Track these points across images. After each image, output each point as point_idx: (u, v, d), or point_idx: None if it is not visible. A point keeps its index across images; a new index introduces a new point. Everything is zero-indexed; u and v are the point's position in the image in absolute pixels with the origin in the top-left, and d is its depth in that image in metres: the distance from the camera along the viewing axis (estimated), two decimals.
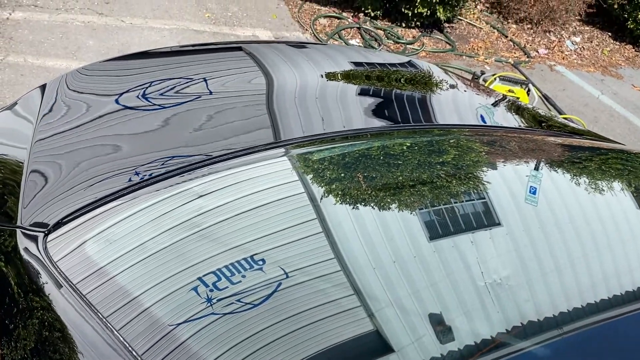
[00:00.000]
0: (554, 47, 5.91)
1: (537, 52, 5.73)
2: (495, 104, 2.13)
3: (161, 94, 1.78)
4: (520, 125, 2.02)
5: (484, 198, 1.42)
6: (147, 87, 1.80)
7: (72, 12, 4.05)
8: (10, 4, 3.92)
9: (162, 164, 1.47)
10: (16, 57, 3.48)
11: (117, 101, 1.78)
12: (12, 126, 1.79)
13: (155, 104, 1.76)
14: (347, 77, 2.06)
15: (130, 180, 1.38)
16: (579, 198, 1.50)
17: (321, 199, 1.38)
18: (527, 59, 5.49)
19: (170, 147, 1.56)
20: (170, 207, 1.31)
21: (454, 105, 2.06)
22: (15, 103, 1.89)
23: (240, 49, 2.19)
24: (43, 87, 1.90)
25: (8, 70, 3.36)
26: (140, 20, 4.20)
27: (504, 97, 2.29)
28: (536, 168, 1.61)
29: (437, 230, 1.33)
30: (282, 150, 1.53)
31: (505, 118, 2.08)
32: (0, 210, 1.46)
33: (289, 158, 1.51)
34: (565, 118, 4.41)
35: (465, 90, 2.22)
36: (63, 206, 1.35)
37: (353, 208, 1.35)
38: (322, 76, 1.98)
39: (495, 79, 3.99)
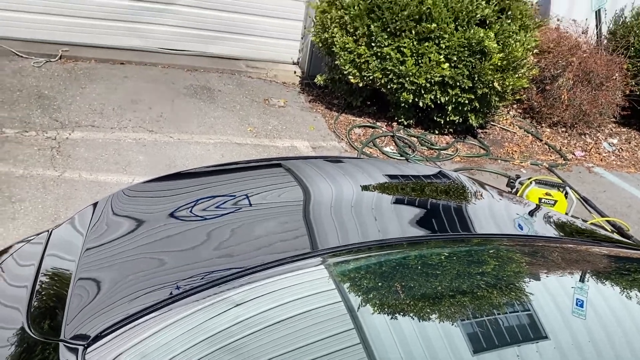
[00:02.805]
0: (590, 149, 5.93)
1: (574, 154, 5.75)
2: (531, 213, 2.12)
3: (201, 210, 1.87)
4: (559, 235, 1.99)
5: (528, 310, 1.38)
6: (187, 204, 1.90)
7: (125, 130, 4.37)
8: (70, 125, 4.28)
9: (201, 276, 1.51)
10: (72, 173, 3.73)
11: (158, 218, 1.88)
12: (66, 240, 1.89)
13: (195, 219, 1.83)
14: (382, 188, 2.12)
15: (170, 292, 1.42)
16: (630, 311, 1.44)
17: (359, 308, 1.38)
18: (564, 162, 5.50)
19: (209, 259, 1.61)
20: (208, 319, 1.33)
21: (490, 214, 2.07)
22: (71, 219, 2.01)
23: (279, 165, 2.31)
24: (95, 205, 2.03)
25: (64, 185, 3.59)
26: (187, 136, 4.48)
27: (539, 205, 2.28)
28: (581, 279, 1.57)
29: (480, 343, 1.29)
30: (320, 259, 1.55)
31: (543, 227, 2.06)
32: (48, 323, 1.51)
33: (326, 267, 1.53)
34: (607, 221, 4.31)
35: (499, 200, 2.24)
36: (105, 318, 1.39)
37: (392, 318, 1.33)
38: (357, 188, 2.04)
39: (531, 182, 3.99)
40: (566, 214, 3.78)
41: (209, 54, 6.08)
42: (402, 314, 1.37)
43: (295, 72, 6.21)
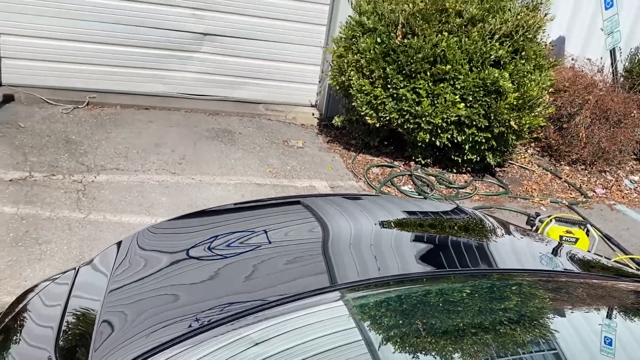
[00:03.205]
0: (611, 187, 5.88)
1: (595, 192, 5.70)
2: (553, 249, 2.11)
3: (223, 246, 1.91)
4: (584, 271, 1.96)
5: (555, 348, 1.35)
6: (209, 241, 1.94)
7: (148, 173, 4.48)
8: (96, 168, 4.41)
9: (221, 310, 1.53)
10: (97, 215, 3.83)
11: (180, 254, 1.92)
12: (91, 280, 1.95)
13: (216, 255, 1.88)
14: (400, 224, 2.14)
15: (189, 326, 1.45)
16: None
17: (378, 343, 1.38)
18: (584, 200, 5.46)
19: (230, 294, 1.63)
20: (227, 353, 1.35)
21: (511, 249, 2.07)
22: (96, 257, 2.07)
23: (298, 202, 2.36)
24: (119, 244, 2.09)
25: (89, 227, 3.68)
26: (208, 177, 4.58)
27: (561, 243, 2.27)
28: (609, 317, 1.54)
29: None
30: (339, 293, 1.55)
31: (566, 263, 2.04)
32: None
33: (345, 302, 1.54)
34: (631, 258, 4.24)
35: (520, 236, 2.24)
36: (126, 353, 1.42)
37: (413, 357, 1.33)
38: (375, 224, 2.07)
39: (551, 220, 3.96)
40: (588, 251, 3.74)
41: (230, 99, 6.26)
42: (423, 351, 1.36)
43: (313, 114, 6.34)
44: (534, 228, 4.07)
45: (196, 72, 6.08)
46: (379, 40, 4.89)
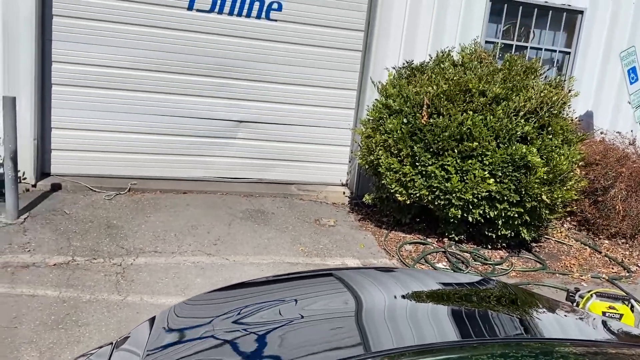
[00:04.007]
0: None
1: (638, 266, 5.51)
2: (597, 323, 2.06)
3: (257, 317, 1.95)
4: (631, 342, 1.91)
5: None
6: (243, 312, 1.99)
7: (184, 255, 4.60)
8: (135, 251, 4.56)
9: None
10: (134, 296, 3.92)
11: (214, 326, 1.97)
12: (126, 354, 1.99)
13: (251, 326, 1.91)
14: (435, 295, 2.14)
15: None
16: None
17: None
18: (627, 274, 5.27)
19: None
20: None
21: (555, 321, 2.04)
22: (130, 333, 2.13)
23: (330, 274, 2.41)
24: (152, 320, 2.15)
25: (126, 309, 3.76)
26: (242, 258, 4.66)
27: (605, 318, 2.22)
28: None
29: None
30: None
31: (611, 336, 1.99)
32: None
33: None
34: None
35: (564, 311, 2.19)
36: None
37: None
38: (408, 295, 2.08)
39: (592, 295, 3.84)
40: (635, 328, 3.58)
41: (264, 180, 6.48)
42: None
43: (344, 193, 6.46)
44: (574, 304, 3.94)
45: (232, 157, 6.36)
46: (405, 120, 5.07)
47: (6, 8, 5.20)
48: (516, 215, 5.00)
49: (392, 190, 5.15)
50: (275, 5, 6.02)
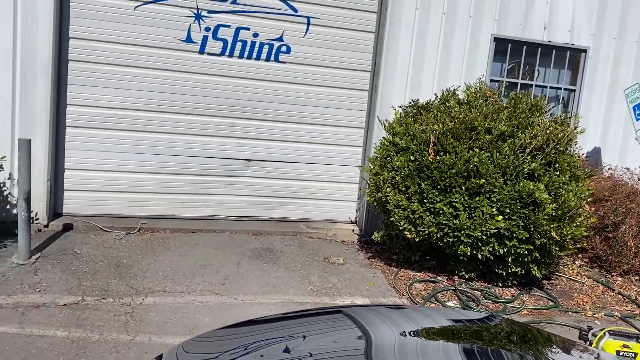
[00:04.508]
0: None
1: None
2: None
3: (263, 353, 1.95)
4: None
5: None
6: (250, 347, 2.00)
7: (193, 294, 4.60)
8: (144, 291, 4.58)
9: None
10: (143, 336, 3.92)
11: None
12: None
13: None
14: (447, 333, 2.13)
15: None
16: None
17: None
18: None
19: None
20: None
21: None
22: None
23: (340, 312, 2.41)
24: (159, 357, 2.16)
25: (135, 348, 3.75)
26: (250, 297, 4.65)
27: (617, 353, 2.19)
28: None
29: None
30: None
31: None
32: None
33: None
34: None
35: (579, 352, 2.18)
36: None
37: None
38: (418, 332, 2.07)
39: (605, 334, 3.77)
40: None
41: (272, 218, 6.51)
42: None
43: (353, 231, 6.46)
44: (587, 342, 3.87)
45: (241, 195, 6.42)
46: (412, 158, 5.12)
47: (25, 54, 5.39)
48: (526, 252, 4.97)
49: (400, 228, 5.15)
50: (284, 48, 6.18)
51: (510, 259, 5.06)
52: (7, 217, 5.55)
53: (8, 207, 5.57)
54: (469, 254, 5.03)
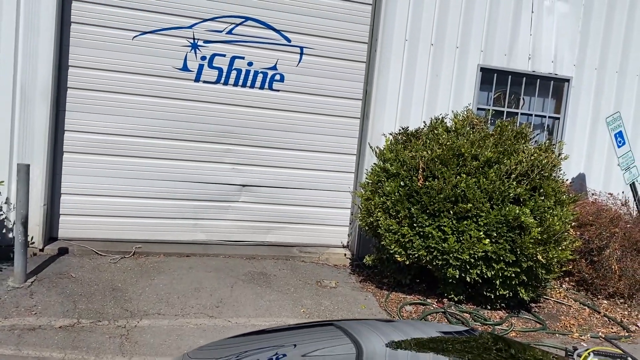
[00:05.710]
0: None
1: (637, 325, 5.54)
2: None
3: (260, 357, 2.05)
4: None
5: None
6: (242, 355, 2.10)
7: (187, 317, 4.67)
8: (139, 314, 4.64)
9: None
10: (138, 358, 3.97)
11: None
12: None
13: None
14: (438, 344, 2.23)
15: None
16: None
17: None
18: (626, 334, 5.30)
19: None
20: None
21: None
22: None
23: (331, 324, 2.51)
24: None
25: None
26: (244, 320, 4.72)
27: None
28: None
29: None
30: None
31: None
32: None
33: None
34: None
35: None
36: None
37: None
38: (409, 344, 2.17)
39: (589, 354, 3.88)
40: None
41: (266, 243, 6.61)
42: None
43: (345, 255, 6.57)
44: None
45: (234, 220, 6.53)
46: (402, 183, 5.27)
47: (25, 81, 5.53)
48: (513, 275, 5.10)
49: (391, 251, 5.27)
50: (277, 77, 6.38)
51: (498, 282, 5.18)
52: (3, 241, 5.61)
53: (4, 231, 5.64)
54: (457, 276, 5.15)
